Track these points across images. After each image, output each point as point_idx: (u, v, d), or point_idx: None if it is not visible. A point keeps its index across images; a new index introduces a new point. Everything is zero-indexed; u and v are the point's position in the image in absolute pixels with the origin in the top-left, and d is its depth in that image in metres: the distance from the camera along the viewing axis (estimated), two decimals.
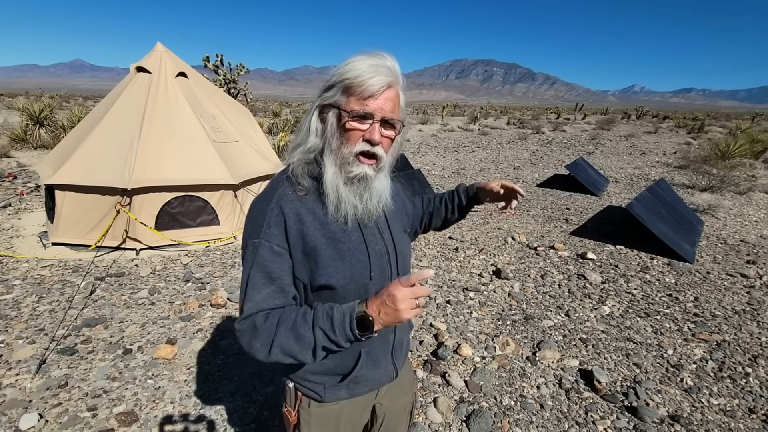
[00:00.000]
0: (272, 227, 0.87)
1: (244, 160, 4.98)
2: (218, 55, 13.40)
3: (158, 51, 4.83)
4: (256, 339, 0.84)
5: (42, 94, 33.02)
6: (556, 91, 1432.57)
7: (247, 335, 0.85)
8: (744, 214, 6.59)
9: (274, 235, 0.87)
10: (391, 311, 0.78)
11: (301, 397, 1.03)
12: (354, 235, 0.94)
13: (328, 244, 0.90)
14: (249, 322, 0.85)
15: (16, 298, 3.33)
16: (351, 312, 0.81)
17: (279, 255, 0.88)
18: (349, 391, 1.03)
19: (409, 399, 1.23)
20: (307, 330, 0.82)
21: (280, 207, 0.88)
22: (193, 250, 4.45)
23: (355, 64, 0.82)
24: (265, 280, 0.87)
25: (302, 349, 0.82)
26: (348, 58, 0.85)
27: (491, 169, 10.56)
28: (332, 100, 0.86)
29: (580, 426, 2.19)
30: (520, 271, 4.26)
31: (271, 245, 0.87)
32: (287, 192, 0.90)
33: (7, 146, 9.82)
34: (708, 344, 2.99)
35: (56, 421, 2.10)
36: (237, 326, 0.87)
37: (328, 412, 1.02)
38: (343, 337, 0.81)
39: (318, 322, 0.82)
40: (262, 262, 0.87)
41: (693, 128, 25.14)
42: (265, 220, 0.88)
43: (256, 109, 31.55)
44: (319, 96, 0.89)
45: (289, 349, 0.83)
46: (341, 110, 0.85)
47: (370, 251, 0.95)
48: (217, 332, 2.97)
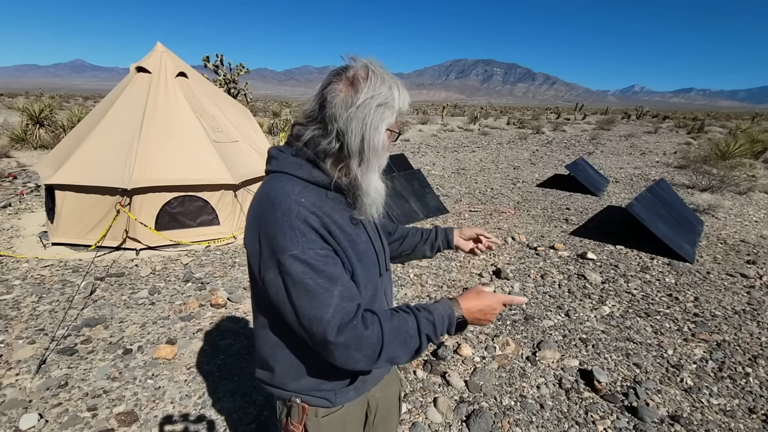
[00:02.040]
0: (307, 234, 0.82)
1: (244, 160, 4.98)
2: (218, 55, 13.41)
3: (158, 51, 4.83)
4: (360, 350, 0.81)
5: (42, 94, 33.03)
6: (556, 91, 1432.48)
7: (348, 347, 0.80)
8: (744, 214, 6.59)
9: (313, 241, 0.83)
10: (486, 321, 0.94)
11: (307, 410, 1.00)
12: (363, 235, 0.96)
13: (349, 246, 0.90)
14: (348, 331, 0.80)
15: (16, 298, 3.33)
16: (451, 317, 0.90)
17: (328, 256, 0.84)
18: (357, 391, 1.03)
19: (396, 386, 1.25)
20: (412, 336, 0.86)
21: (304, 214, 0.84)
22: (193, 250, 4.46)
23: (405, 92, 0.89)
24: (329, 284, 0.81)
25: (406, 354, 0.86)
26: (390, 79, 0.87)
27: (491, 169, 10.56)
28: (392, 125, 0.90)
29: (580, 426, 2.19)
30: (520, 271, 4.26)
31: (314, 250, 0.82)
32: (301, 199, 0.86)
33: (7, 146, 9.82)
34: (708, 344, 2.99)
35: (56, 421, 2.10)
36: (332, 339, 0.79)
37: (335, 417, 1.02)
38: (440, 338, 0.89)
39: (423, 328, 0.86)
40: (315, 267, 0.81)
41: (693, 128, 25.14)
42: (296, 231, 0.82)
43: (256, 109, 31.55)
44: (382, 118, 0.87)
45: (395, 356, 0.85)
46: (392, 131, 0.91)
47: (377, 249, 1.00)
48: (217, 332, 2.97)
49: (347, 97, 0.84)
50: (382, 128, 0.87)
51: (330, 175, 0.89)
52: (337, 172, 0.89)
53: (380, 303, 1.04)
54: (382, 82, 0.85)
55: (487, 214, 6.35)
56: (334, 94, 0.84)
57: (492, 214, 6.40)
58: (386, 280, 1.09)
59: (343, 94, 0.84)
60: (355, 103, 0.83)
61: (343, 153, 0.87)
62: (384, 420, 1.19)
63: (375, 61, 0.88)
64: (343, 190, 0.91)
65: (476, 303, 0.93)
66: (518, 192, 8.04)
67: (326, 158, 0.89)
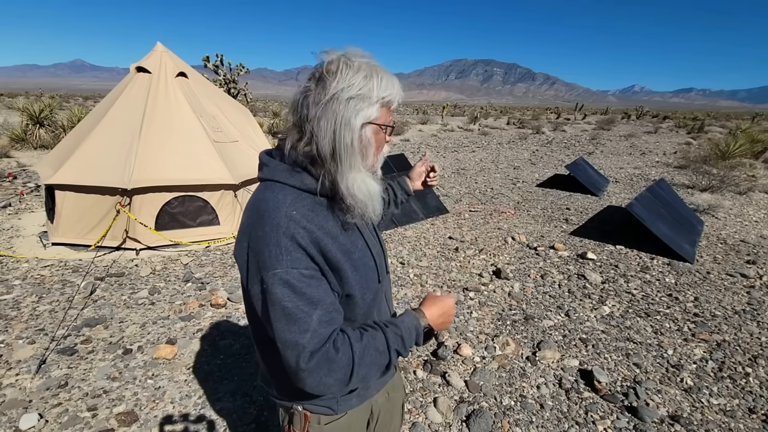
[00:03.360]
0: (292, 252, 0.79)
1: (244, 160, 4.98)
2: (218, 55, 13.41)
3: (158, 51, 4.83)
4: (332, 374, 0.79)
5: (42, 94, 33.01)
6: (556, 91, 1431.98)
7: (318, 373, 0.78)
8: (744, 214, 6.59)
9: (298, 260, 0.79)
10: (447, 323, 0.97)
11: (309, 417, 0.99)
12: (359, 242, 0.93)
13: (344, 257, 0.86)
14: (320, 357, 0.78)
15: (16, 298, 3.33)
16: (418, 327, 0.91)
17: (312, 278, 0.81)
18: (360, 398, 1.02)
19: (400, 393, 1.24)
20: (382, 353, 0.85)
21: (293, 230, 0.80)
22: (193, 250, 4.46)
23: (389, 80, 0.84)
24: (308, 308, 0.79)
25: (377, 371, 0.86)
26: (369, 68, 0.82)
27: (491, 169, 10.56)
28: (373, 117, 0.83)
29: (580, 426, 2.19)
30: (520, 271, 4.26)
31: (299, 270, 0.79)
32: (291, 212, 0.82)
33: (7, 146, 9.82)
34: (708, 344, 2.99)
35: (56, 421, 2.11)
36: (302, 365, 0.77)
37: (339, 424, 1.01)
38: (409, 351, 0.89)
39: (392, 344, 0.86)
40: (296, 290, 0.78)
41: (693, 128, 25.14)
42: (281, 248, 0.79)
43: (256, 109, 31.55)
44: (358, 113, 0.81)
45: (367, 376, 0.84)
46: (380, 125, 0.86)
47: (375, 255, 0.97)
48: (217, 332, 2.97)
49: (315, 95, 0.80)
50: (356, 122, 0.81)
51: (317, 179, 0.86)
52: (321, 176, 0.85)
53: (380, 308, 1.03)
54: (356, 72, 0.80)
55: (487, 214, 6.35)
56: (305, 95, 0.82)
57: (492, 214, 6.40)
58: (386, 283, 1.08)
59: (312, 93, 0.81)
60: (322, 99, 0.79)
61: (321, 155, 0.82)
62: (386, 425, 1.18)
63: (353, 51, 0.82)
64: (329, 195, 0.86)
65: (436, 308, 0.96)
66: (518, 192, 8.04)
67: (312, 163, 0.84)
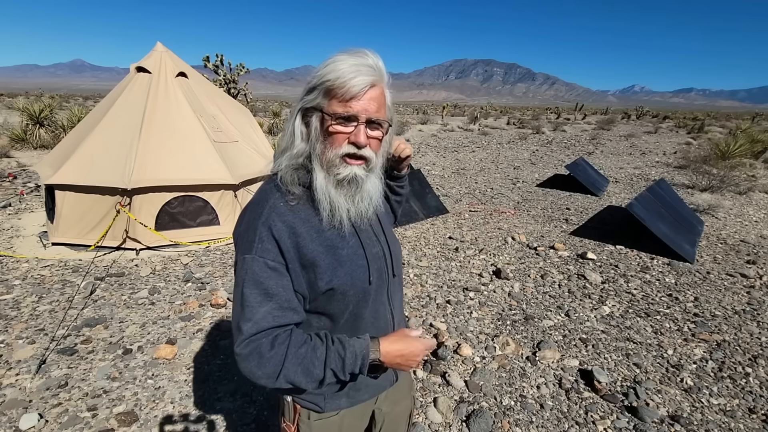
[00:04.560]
0: (265, 242, 0.82)
1: (244, 160, 4.98)
2: (218, 55, 13.41)
3: (158, 51, 4.83)
4: (261, 368, 0.80)
5: (42, 94, 33.01)
6: (556, 91, 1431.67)
7: (249, 361, 0.80)
8: (744, 214, 6.59)
9: (267, 250, 0.82)
10: (406, 367, 0.91)
11: (299, 411, 0.99)
12: (351, 240, 0.91)
13: (326, 252, 0.87)
14: (252, 346, 0.80)
15: (16, 298, 3.33)
16: (364, 356, 0.85)
17: (275, 270, 0.83)
18: (350, 399, 1.01)
19: (408, 403, 1.21)
20: (317, 367, 0.83)
21: (272, 220, 0.83)
22: (193, 250, 4.46)
23: (336, 65, 0.79)
24: (261, 298, 0.82)
25: (308, 382, 0.84)
26: (328, 58, 0.81)
27: (491, 169, 10.56)
28: (314, 103, 0.83)
29: (580, 426, 2.19)
30: (520, 271, 4.26)
31: (265, 260, 0.82)
32: (278, 203, 0.85)
33: (7, 146, 9.82)
34: (708, 344, 2.99)
35: (56, 421, 2.10)
36: (237, 350, 0.81)
37: (328, 423, 1.00)
38: (351, 376, 0.85)
39: (330, 362, 0.83)
40: (257, 278, 0.82)
41: (693, 128, 25.13)
42: (257, 235, 0.83)
43: (256, 109, 31.55)
44: (301, 99, 0.85)
45: (295, 381, 0.83)
46: (324, 113, 0.82)
47: (369, 255, 0.94)
48: (217, 332, 2.97)
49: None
50: (299, 111, 0.85)
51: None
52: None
53: (377, 312, 0.99)
54: (324, 67, 0.81)
55: (487, 214, 6.35)
56: None
57: (492, 214, 6.40)
58: (394, 286, 1.04)
59: None
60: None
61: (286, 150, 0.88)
62: None
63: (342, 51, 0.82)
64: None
65: (398, 347, 0.89)
66: (518, 192, 8.04)
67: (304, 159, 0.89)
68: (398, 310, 1.08)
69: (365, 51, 0.82)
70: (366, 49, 0.82)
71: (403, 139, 1.09)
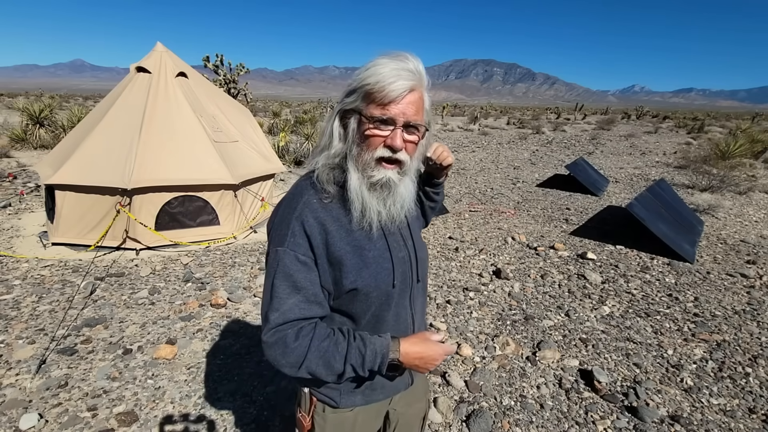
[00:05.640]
0: (297, 236, 0.85)
1: (244, 160, 4.98)
2: (218, 55, 13.39)
3: (158, 51, 4.82)
4: (285, 357, 0.84)
5: (42, 94, 33.00)
6: (556, 91, 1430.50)
7: (275, 349, 0.85)
8: (744, 214, 6.59)
9: (299, 245, 0.85)
10: (423, 369, 0.93)
11: (315, 403, 1.01)
12: (379, 242, 0.93)
13: (353, 252, 0.88)
14: (278, 336, 0.84)
15: (16, 298, 3.33)
16: (384, 355, 0.87)
17: (304, 264, 0.86)
18: (365, 397, 1.02)
19: (422, 406, 1.22)
20: (337, 361, 0.86)
21: (304, 216, 0.86)
22: (193, 250, 4.46)
23: (377, 69, 0.80)
24: (290, 290, 0.85)
25: (328, 374, 0.87)
26: (370, 62, 0.82)
27: (491, 169, 10.56)
28: (353, 105, 0.84)
29: (580, 426, 2.19)
30: (520, 271, 4.26)
31: (296, 254, 0.85)
32: (312, 200, 0.88)
33: (7, 146, 9.82)
34: (708, 344, 2.99)
35: (56, 421, 2.10)
36: (265, 338, 0.85)
37: (342, 418, 1.02)
38: (370, 372, 0.89)
39: (350, 357, 0.86)
40: (287, 271, 0.85)
41: (693, 128, 25.13)
42: (290, 229, 0.86)
43: (256, 109, 31.55)
44: (341, 100, 0.87)
45: (316, 372, 0.86)
46: (362, 116, 0.83)
47: (394, 259, 0.95)
48: (217, 332, 2.97)
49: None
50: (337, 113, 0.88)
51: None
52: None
53: (399, 314, 1.00)
54: (365, 70, 0.82)
55: (487, 214, 6.35)
56: None
57: (492, 214, 6.40)
58: (417, 290, 1.05)
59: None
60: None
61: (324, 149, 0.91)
62: None
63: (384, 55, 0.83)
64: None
65: (418, 349, 0.91)
66: (518, 192, 8.04)
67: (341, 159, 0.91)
68: (420, 315, 1.08)
69: (406, 55, 0.83)
70: (407, 53, 0.84)
71: (446, 147, 1.10)
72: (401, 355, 0.89)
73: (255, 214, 5.16)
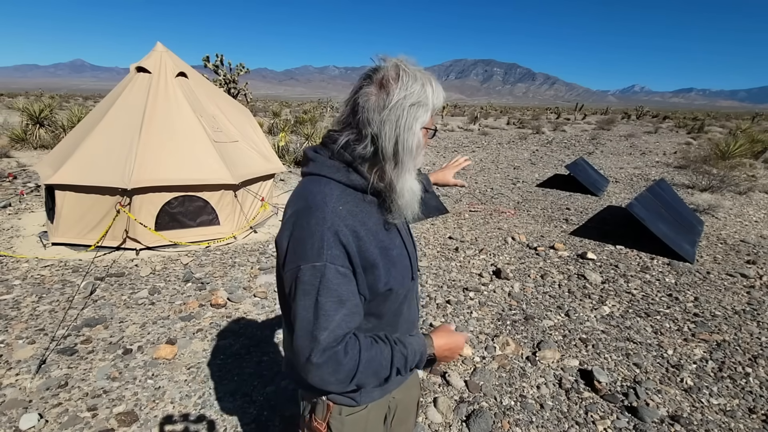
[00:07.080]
0: (333, 248, 0.82)
1: (244, 160, 4.98)
2: (218, 55, 13.39)
3: (158, 51, 4.83)
4: (336, 374, 0.83)
5: (42, 94, 32.98)
6: (556, 91, 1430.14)
7: (325, 369, 0.82)
8: (744, 214, 6.59)
9: (336, 256, 0.83)
10: (451, 358, 1.01)
11: (332, 408, 1.02)
12: (397, 239, 0.97)
13: (381, 254, 0.90)
14: (329, 354, 0.81)
15: (16, 298, 3.33)
16: (423, 354, 0.94)
17: (344, 276, 0.84)
18: (382, 391, 1.05)
19: (417, 392, 1.28)
20: (385, 368, 0.89)
21: (337, 226, 0.83)
22: (193, 250, 4.46)
23: (437, 86, 0.87)
24: (337, 305, 0.82)
25: (374, 382, 0.90)
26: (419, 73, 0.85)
27: (491, 169, 10.56)
28: (427, 123, 0.89)
29: (580, 426, 2.19)
30: (520, 271, 4.26)
31: (336, 267, 0.82)
32: (338, 208, 0.86)
33: (7, 146, 9.81)
34: (708, 344, 2.99)
35: (56, 421, 2.10)
36: (315, 359, 0.81)
37: (358, 417, 1.03)
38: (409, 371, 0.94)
39: (396, 362, 0.90)
40: (331, 286, 0.82)
41: (693, 128, 25.13)
42: (324, 242, 0.82)
43: (256, 109, 31.54)
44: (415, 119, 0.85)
45: (365, 383, 0.89)
46: (427, 129, 0.90)
47: (410, 254, 1.02)
48: (217, 332, 2.97)
49: (379, 100, 0.83)
50: (417, 128, 0.85)
51: (367, 179, 0.88)
52: (373, 176, 0.88)
53: (411, 307, 1.06)
54: (414, 81, 0.84)
55: (487, 214, 6.35)
56: (366, 98, 0.83)
57: (492, 214, 6.40)
58: (415, 284, 1.09)
59: (374, 98, 0.83)
60: (387, 105, 0.82)
61: (377, 157, 0.86)
62: (402, 422, 1.20)
63: (406, 60, 0.86)
64: (379, 194, 0.90)
65: (446, 341, 0.99)
66: (518, 192, 8.04)
67: (363, 162, 0.88)
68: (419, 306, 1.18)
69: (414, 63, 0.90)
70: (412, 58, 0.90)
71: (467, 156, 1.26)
72: (436, 348, 0.97)
73: (255, 214, 5.17)
